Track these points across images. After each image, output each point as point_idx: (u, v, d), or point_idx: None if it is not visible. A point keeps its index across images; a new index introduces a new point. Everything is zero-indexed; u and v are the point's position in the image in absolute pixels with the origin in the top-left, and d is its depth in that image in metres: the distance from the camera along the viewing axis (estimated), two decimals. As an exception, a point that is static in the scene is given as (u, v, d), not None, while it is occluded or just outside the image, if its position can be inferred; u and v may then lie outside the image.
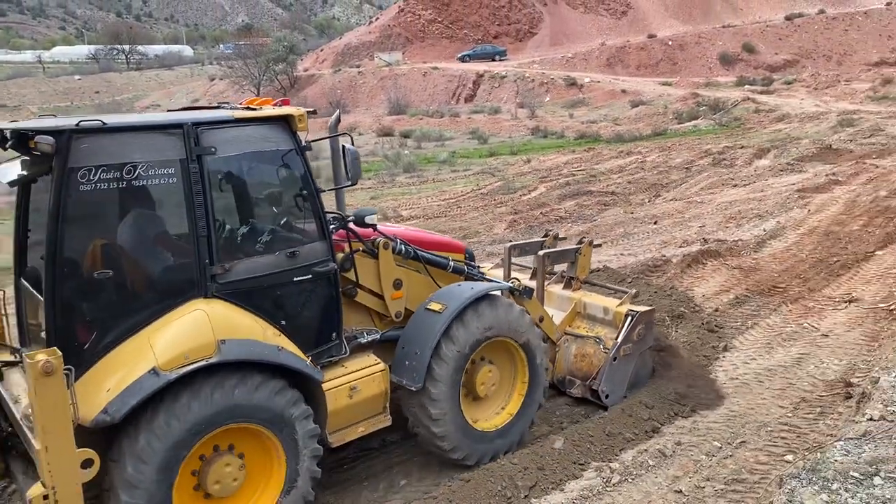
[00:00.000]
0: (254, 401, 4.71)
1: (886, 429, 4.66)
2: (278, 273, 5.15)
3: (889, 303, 9.58)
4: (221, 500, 4.80)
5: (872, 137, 24.48)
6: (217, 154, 4.89)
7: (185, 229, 4.82)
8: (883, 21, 67.02)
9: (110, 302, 4.62)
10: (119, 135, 4.62)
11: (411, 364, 5.69)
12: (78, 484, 4.08)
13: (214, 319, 4.70)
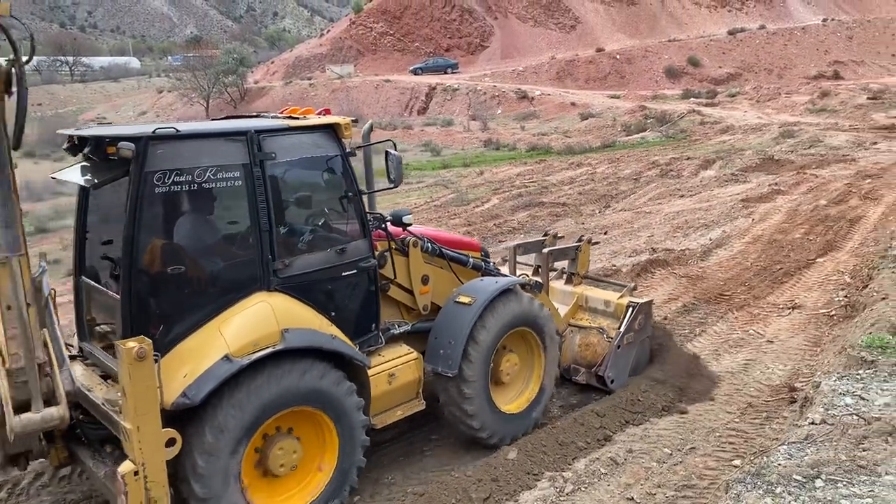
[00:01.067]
0: (312, 385, 5.14)
1: (827, 432, 4.79)
2: (329, 268, 5.63)
3: (829, 309, 9.89)
4: (281, 478, 5.23)
5: (812, 148, 25.28)
6: (276, 159, 5.31)
7: (249, 228, 5.23)
8: (820, 36, 69.55)
9: (182, 295, 5.01)
10: (190, 141, 5.00)
11: (446, 352, 6.17)
12: (163, 461, 4.49)
13: (277, 310, 5.13)
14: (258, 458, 5.15)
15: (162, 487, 4.52)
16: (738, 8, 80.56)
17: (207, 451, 4.72)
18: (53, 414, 4.53)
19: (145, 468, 4.43)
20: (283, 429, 5.21)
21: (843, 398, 5.43)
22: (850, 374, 5.95)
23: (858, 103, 37.56)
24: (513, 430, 6.61)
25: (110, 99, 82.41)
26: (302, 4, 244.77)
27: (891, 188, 17.39)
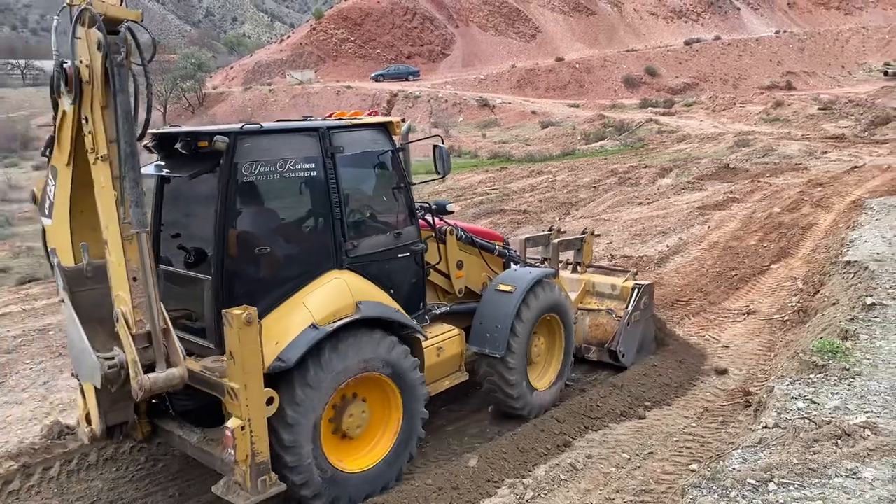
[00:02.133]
0: (382, 353, 5.76)
1: (780, 436, 4.88)
2: (387, 250, 6.35)
3: (783, 314, 10.10)
4: (353, 440, 5.85)
5: (766, 157, 25.85)
6: (343, 152, 5.98)
7: (323, 212, 5.89)
8: (773, 48, 71.32)
9: (267, 273, 5.63)
10: (272, 136, 5.69)
11: (493, 336, 6.90)
12: (265, 417, 5.11)
13: (350, 285, 5.82)
14: (334, 420, 5.71)
15: (264, 441, 5.13)
16: (693, 19, 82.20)
17: (297, 405, 5.29)
18: (175, 373, 4.90)
19: (251, 423, 5.05)
20: (356, 395, 5.80)
21: (795, 402, 5.54)
22: (802, 379, 6.08)
23: (810, 113, 38.54)
24: (542, 405, 7.32)
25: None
26: (262, 10, 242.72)
27: (841, 196, 17.87)
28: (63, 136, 5.14)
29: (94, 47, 4.62)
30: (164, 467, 6.69)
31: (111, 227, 4.83)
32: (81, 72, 4.71)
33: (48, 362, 9.75)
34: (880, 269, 9.04)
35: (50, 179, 5.39)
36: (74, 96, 4.75)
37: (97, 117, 4.75)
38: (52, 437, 6.93)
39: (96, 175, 4.84)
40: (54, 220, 5.42)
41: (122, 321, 4.84)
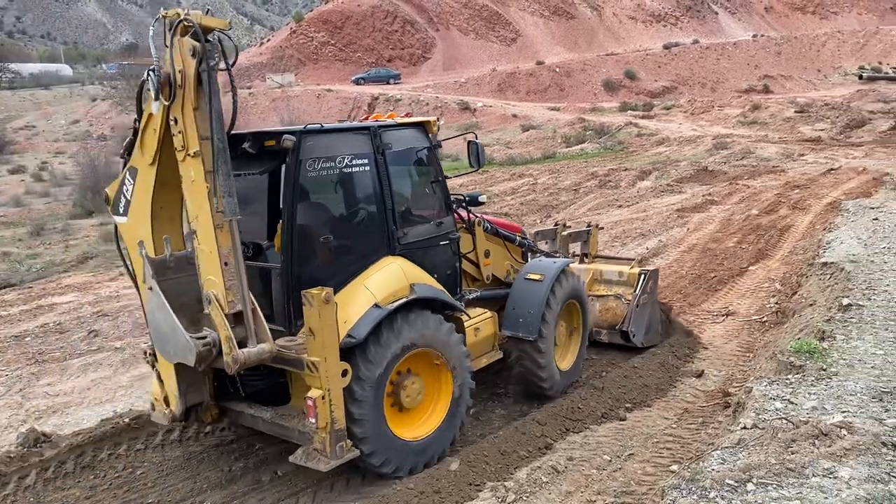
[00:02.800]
0: (432, 330, 6.28)
1: (758, 436, 4.92)
2: (430, 238, 6.89)
3: (761, 315, 10.19)
4: (409, 411, 6.36)
5: (744, 159, 26.09)
6: (391, 149, 6.50)
7: (376, 204, 6.41)
8: (750, 52, 72.10)
9: (331, 259, 6.08)
10: (331, 135, 6.25)
11: (526, 320, 7.39)
12: (341, 388, 5.61)
13: (404, 269, 6.34)
14: (392, 394, 6.17)
15: (341, 410, 5.63)
16: (672, 23, 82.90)
17: (363, 379, 5.77)
18: (265, 348, 5.35)
19: (330, 393, 5.54)
20: (409, 370, 6.28)
21: (773, 402, 5.58)
22: (780, 379, 6.13)
23: (787, 116, 39.00)
24: (565, 384, 7.90)
25: (40, 107, 79.66)
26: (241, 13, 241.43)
27: (818, 198, 18.07)
28: (147, 137, 5.51)
29: (188, 54, 5.01)
30: (143, 475, 6.63)
31: (202, 217, 5.24)
32: (174, 76, 5.08)
33: (24, 369, 9.63)
34: (856, 270, 9.15)
35: (128, 180, 5.74)
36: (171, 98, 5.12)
37: (188, 118, 5.13)
38: (28, 444, 6.83)
39: (186, 171, 5.25)
40: (130, 217, 5.80)
41: (214, 303, 5.26)
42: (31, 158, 43.17)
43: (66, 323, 11.40)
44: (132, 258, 5.94)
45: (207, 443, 7.20)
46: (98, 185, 25.30)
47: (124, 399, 8.48)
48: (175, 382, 5.86)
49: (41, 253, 17.34)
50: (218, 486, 6.39)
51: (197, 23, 5.03)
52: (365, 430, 5.81)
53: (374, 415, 5.86)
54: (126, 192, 5.78)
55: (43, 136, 59.42)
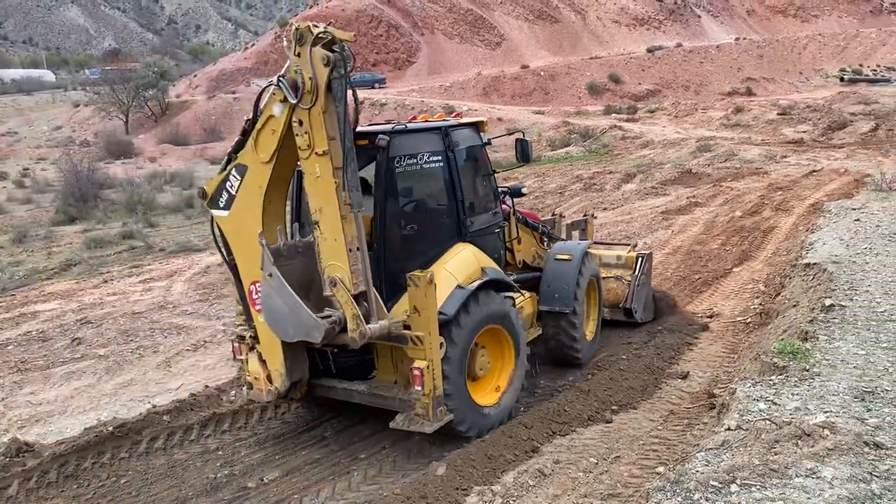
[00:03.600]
0: (501, 309, 7.08)
1: (742, 437, 4.95)
2: (488, 226, 7.75)
3: (746, 316, 10.26)
4: (479, 380, 7.12)
5: (727, 162, 26.24)
6: (458, 147, 7.30)
7: (449, 196, 7.24)
8: (733, 55, 72.61)
9: (416, 246, 6.86)
10: (413, 134, 7.02)
11: (561, 296, 8.29)
12: (440, 359, 6.30)
13: (474, 254, 7.22)
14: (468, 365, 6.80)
15: (440, 378, 6.31)
16: (655, 27, 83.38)
17: (452, 351, 6.46)
18: (385, 324, 6.09)
19: (432, 363, 6.23)
20: (477, 344, 6.91)
21: (757, 403, 5.62)
22: (763, 380, 6.17)
23: (769, 119, 39.28)
24: (591, 353, 8.87)
25: (23, 113, 78.92)
26: (226, 18, 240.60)
27: (800, 199, 18.22)
28: (264, 137, 6.02)
29: (320, 63, 5.57)
30: (127, 483, 6.58)
31: (326, 209, 5.82)
32: (304, 83, 5.62)
33: (6, 378, 9.53)
34: (838, 271, 9.23)
35: (234, 176, 6.22)
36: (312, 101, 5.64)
37: (316, 120, 5.67)
38: (10, 454, 6.77)
39: (310, 168, 5.80)
40: (234, 211, 6.28)
41: (340, 285, 5.85)
42: (13, 165, 42.78)
43: (49, 331, 11.30)
44: (234, 249, 6.42)
45: (192, 450, 7.17)
46: (82, 191, 25.19)
47: (108, 407, 8.42)
48: (281, 361, 6.43)
49: (24, 260, 17.18)
50: (203, 494, 6.36)
51: (332, 36, 5.68)
52: (453, 396, 6.49)
53: (459, 383, 6.59)
54: (230, 187, 6.26)
55: (25, 143, 58.86)
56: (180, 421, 7.62)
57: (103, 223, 21.75)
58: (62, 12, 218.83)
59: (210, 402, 8.10)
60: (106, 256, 17.02)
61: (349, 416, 7.67)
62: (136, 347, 10.40)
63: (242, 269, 6.43)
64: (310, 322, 5.84)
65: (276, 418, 7.83)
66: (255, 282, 6.35)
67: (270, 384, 6.52)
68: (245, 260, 6.38)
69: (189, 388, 8.68)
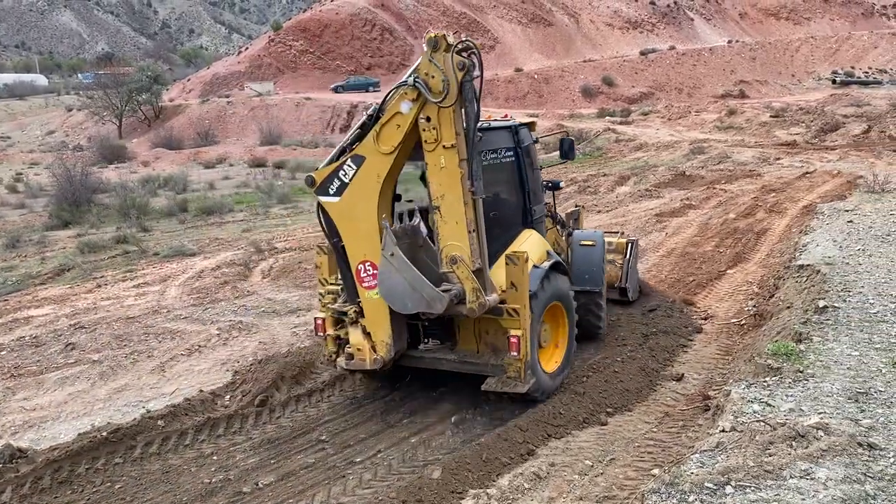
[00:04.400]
0: (561, 286, 8.01)
1: (736, 439, 4.96)
2: (541, 215, 8.70)
3: (740, 318, 10.28)
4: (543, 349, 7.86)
5: (721, 164, 26.30)
6: (523, 144, 8.21)
7: (518, 186, 8.18)
8: (726, 57, 72.88)
9: (495, 230, 7.46)
10: (494, 131, 7.91)
11: (591, 277, 9.19)
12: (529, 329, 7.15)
13: (539, 239, 8.17)
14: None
15: (530, 345, 7.21)
16: (649, 30, 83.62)
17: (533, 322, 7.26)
18: (496, 297, 6.92)
19: (525, 332, 7.08)
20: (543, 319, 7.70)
21: (751, 405, 5.64)
22: (758, 382, 6.19)
23: (762, 121, 39.38)
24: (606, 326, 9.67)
25: (15, 118, 78.70)
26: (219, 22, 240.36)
27: (794, 201, 18.28)
28: (388, 131, 6.68)
29: (456, 68, 6.32)
30: (121, 489, 6.55)
31: (449, 196, 6.59)
32: (434, 84, 6.35)
33: (0, 384, 9.49)
34: (832, 273, 9.27)
35: (349, 166, 6.85)
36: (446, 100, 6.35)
37: (446, 117, 6.42)
38: (3, 460, 6.74)
39: (436, 159, 6.56)
40: (345, 198, 6.92)
41: (461, 262, 6.64)
42: (6, 170, 42.61)
43: (43, 336, 11.26)
44: (343, 232, 7.07)
45: (187, 455, 7.15)
46: (75, 195, 25.10)
47: (102, 412, 8.39)
48: (388, 333, 7.15)
49: (17, 265, 17.11)
50: (198, 499, 6.34)
51: (468, 44, 6.55)
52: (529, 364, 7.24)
53: (534, 352, 7.39)
54: (343, 175, 6.88)
55: (18, 147, 58.66)
56: (175, 426, 7.60)
57: (97, 228, 21.67)
58: (55, 17, 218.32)
59: (205, 406, 8.09)
60: (100, 261, 16.96)
61: (344, 421, 7.67)
62: (130, 352, 10.36)
63: (350, 251, 7.07)
64: (434, 295, 6.63)
65: (270, 422, 7.81)
66: (363, 261, 7.04)
67: (375, 354, 7.18)
68: (354, 242, 7.03)
69: (183, 392, 8.66)
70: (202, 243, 18.16)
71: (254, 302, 12.50)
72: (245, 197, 26.53)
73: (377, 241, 6.87)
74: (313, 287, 13.18)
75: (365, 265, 7.03)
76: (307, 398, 8.33)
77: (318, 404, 8.21)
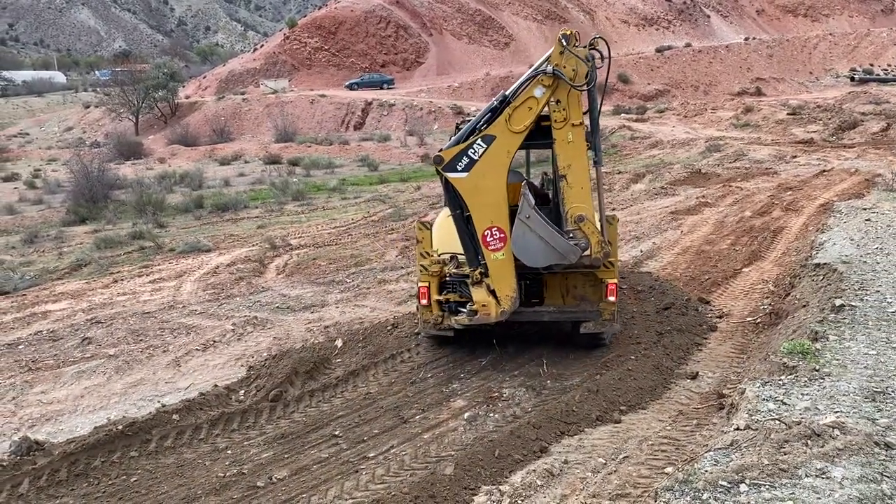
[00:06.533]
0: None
1: (751, 437, 4.93)
2: None
3: (755, 316, 10.21)
4: None
5: (737, 162, 26.13)
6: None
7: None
8: (742, 54, 72.30)
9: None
10: None
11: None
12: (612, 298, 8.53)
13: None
14: None
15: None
16: (665, 27, 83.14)
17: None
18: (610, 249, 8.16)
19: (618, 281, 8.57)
20: None
21: (766, 403, 5.60)
22: (773, 380, 6.14)
23: (779, 119, 39.07)
24: None
25: (34, 114, 79.51)
26: (235, 19, 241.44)
27: (810, 200, 18.12)
28: (519, 113, 7.62)
29: (584, 59, 7.43)
30: (136, 482, 6.61)
31: (575, 165, 7.71)
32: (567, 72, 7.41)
33: (17, 377, 9.59)
34: (848, 271, 9.18)
35: (479, 145, 7.66)
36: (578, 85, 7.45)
37: (575, 99, 7.52)
38: (21, 453, 6.82)
39: (564, 135, 7.63)
40: (473, 174, 7.69)
41: (587, 220, 7.71)
42: (25, 166, 43.06)
43: (60, 330, 11.37)
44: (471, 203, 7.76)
45: (201, 449, 7.19)
46: (92, 191, 25.31)
47: (118, 406, 8.46)
48: (514, 287, 8.03)
49: (34, 260, 17.29)
50: (212, 493, 6.38)
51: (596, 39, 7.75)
52: None
53: None
54: (472, 154, 7.67)
55: (36, 144, 59.25)
56: (189, 420, 7.65)
57: (113, 223, 21.85)
58: (73, 14, 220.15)
59: (219, 401, 8.14)
60: (116, 256, 17.10)
61: (357, 416, 7.71)
62: (146, 347, 10.44)
63: (477, 219, 7.81)
64: (568, 247, 7.66)
65: (284, 417, 7.85)
66: (490, 227, 7.83)
67: (501, 306, 7.96)
68: (480, 211, 7.81)
69: (198, 387, 8.71)
70: (217, 239, 18.26)
71: (268, 298, 12.56)
72: (260, 193, 26.65)
73: (504, 209, 7.81)
74: (328, 283, 13.24)
75: (492, 230, 7.84)
76: (321, 393, 8.36)
77: (331, 399, 8.24)
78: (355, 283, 13.13)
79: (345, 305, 11.84)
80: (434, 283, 8.65)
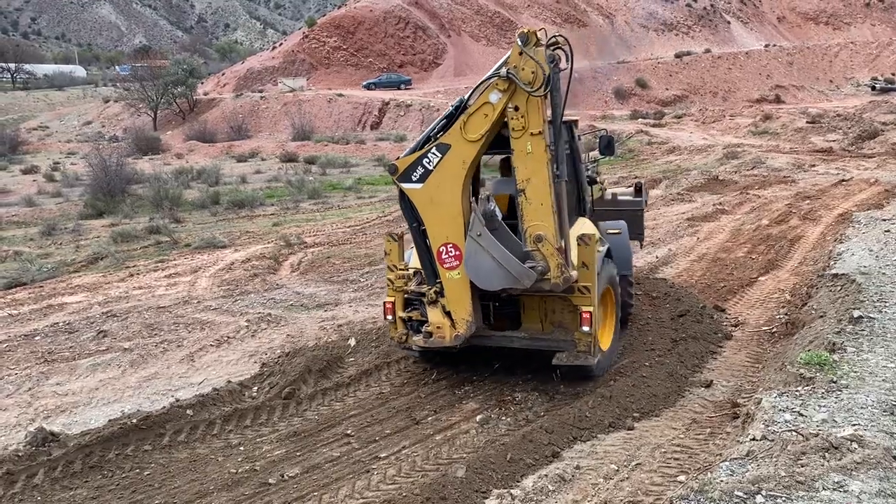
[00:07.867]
0: (613, 271, 8.59)
1: (767, 448, 4.88)
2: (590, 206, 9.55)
3: (771, 326, 10.13)
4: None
5: (755, 169, 25.98)
6: (576, 139, 8.84)
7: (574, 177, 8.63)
8: (762, 61, 71.86)
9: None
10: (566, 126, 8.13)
11: (621, 262, 9.21)
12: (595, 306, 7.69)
13: (592, 227, 8.70)
14: None
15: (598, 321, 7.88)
16: (684, 32, 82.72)
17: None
18: (575, 274, 7.37)
19: (594, 309, 7.57)
20: None
21: (782, 414, 5.55)
22: (789, 391, 6.09)
23: (798, 127, 38.78)
24: None
25: (54, 108, 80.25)
26: (254, 17, 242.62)
27: (829, 209, 17.98)
28: (475, 120, 7.01)
29: (545, 61, 6.71)
30: (150, 476, 6.64)
31: (535, 179, 6.93)
32: (525, 75, 6.72)
33: (34, 368, 9.68)
34: (867, 282, 9.09)
35: (433, 154, 7.15)
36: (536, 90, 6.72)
37: (535, 106, 6.78)
38: (36, 444, 6.87)
39: (522, 145, 6.89)
40: (428, 184, 7.20)
41: (545, 241, 6.99)
42: (44, 158, 43.45)
43: (76, 323, 11.46)
44: (425, 217, 7.33)
45: (214, 445, 7.23)
46: (110, 186, 25.50)
47: (132, 399, 8.51)
48: (469, 311, 7.44)
49: (52, 252, 17.44)
50: (224, 488, 6.40)
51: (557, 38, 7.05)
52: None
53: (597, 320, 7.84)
54: (427, 163, 7.17)
55: (56, 137, 59.83)
56: (203, 415, 7.68)
57: (130, 218, 22.00)
58: (95, 9, 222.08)
59: (232, 397, 8.17)
60: (132, 250, 17.23)
61: (369, 416, 7.71)
62: (161, 341, 10.50)
63: (432, 234, 7.34)
64: (521, 270, 6.96)
65: (297, 415, 7.87)
66: (445, 244, 7.32)
67: (456, 331, 7.42)
68: (436, 226, 7.31)
69: (212, 382, 8.76)
70: (233, 236, 18.35)
71: (282, 295, 12.60)
72: (276, 191, 26.75)
73: (459, 224, 7.21)
74: (342, 282, 13.27)
75: (447, 247, 7.33)
76: (334, 392, 8.38)
77: (344, 399, 8.25)
78: (369, 283, 13.15)
79: (358, 304, 11.86)
80: (399, 299, 8.06)
